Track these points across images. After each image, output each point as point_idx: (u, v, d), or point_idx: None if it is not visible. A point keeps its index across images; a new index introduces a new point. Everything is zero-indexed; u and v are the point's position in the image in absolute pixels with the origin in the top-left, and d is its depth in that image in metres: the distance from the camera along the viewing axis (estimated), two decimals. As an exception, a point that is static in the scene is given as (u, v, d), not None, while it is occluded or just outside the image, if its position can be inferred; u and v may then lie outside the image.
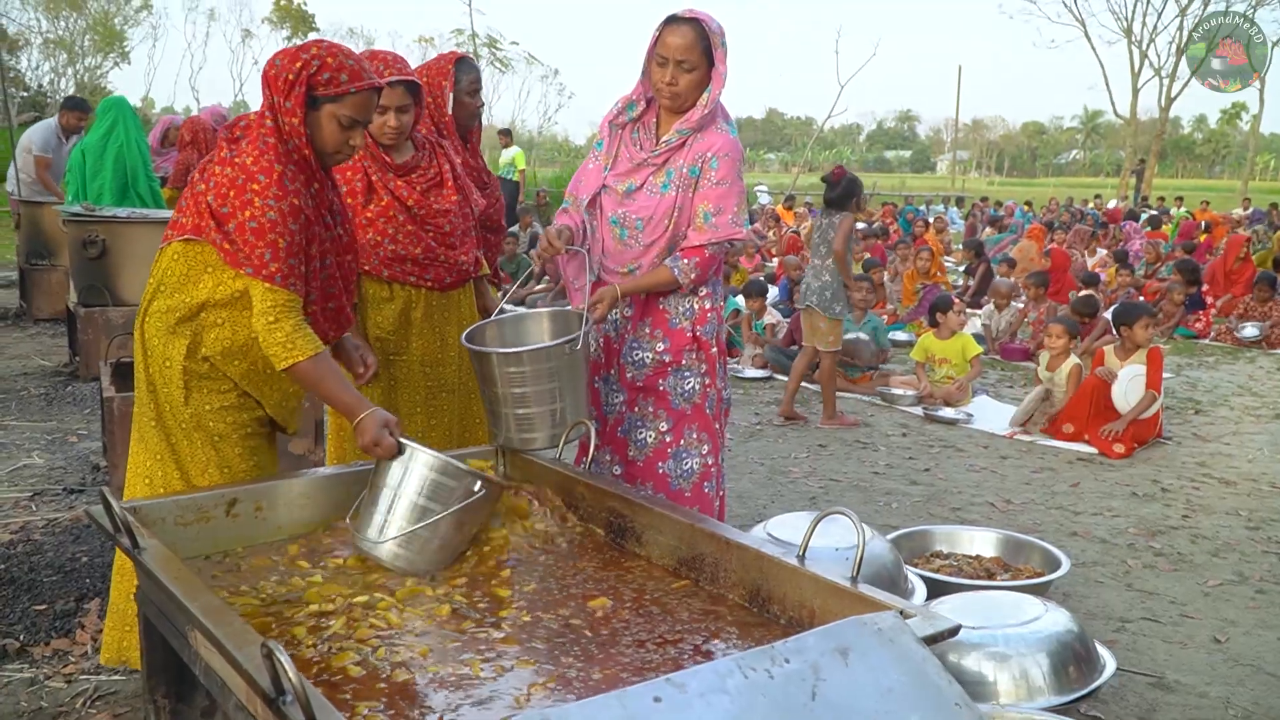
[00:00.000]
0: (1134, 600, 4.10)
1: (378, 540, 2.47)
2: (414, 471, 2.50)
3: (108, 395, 4.68)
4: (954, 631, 1.97)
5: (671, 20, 3.17)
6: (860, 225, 19.21)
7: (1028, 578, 3.97)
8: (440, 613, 2.29)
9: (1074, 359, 6.87)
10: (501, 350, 2.90)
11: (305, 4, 62.89)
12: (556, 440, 2.93)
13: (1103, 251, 16.35)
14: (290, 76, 2.61)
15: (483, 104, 3.95)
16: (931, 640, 1.90)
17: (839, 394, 7.67)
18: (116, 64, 55.27)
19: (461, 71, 3.84)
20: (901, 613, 1.96)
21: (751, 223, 20.35)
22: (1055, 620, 3.13)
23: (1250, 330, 10.68)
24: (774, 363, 8.50)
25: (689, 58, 3.14)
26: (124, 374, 5.17)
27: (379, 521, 2.49)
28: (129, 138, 7.78)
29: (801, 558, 2.27)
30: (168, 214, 7.23)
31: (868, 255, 14.31)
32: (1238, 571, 4.44)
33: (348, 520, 2.61)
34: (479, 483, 2.50)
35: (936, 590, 3.74)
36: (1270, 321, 10.78)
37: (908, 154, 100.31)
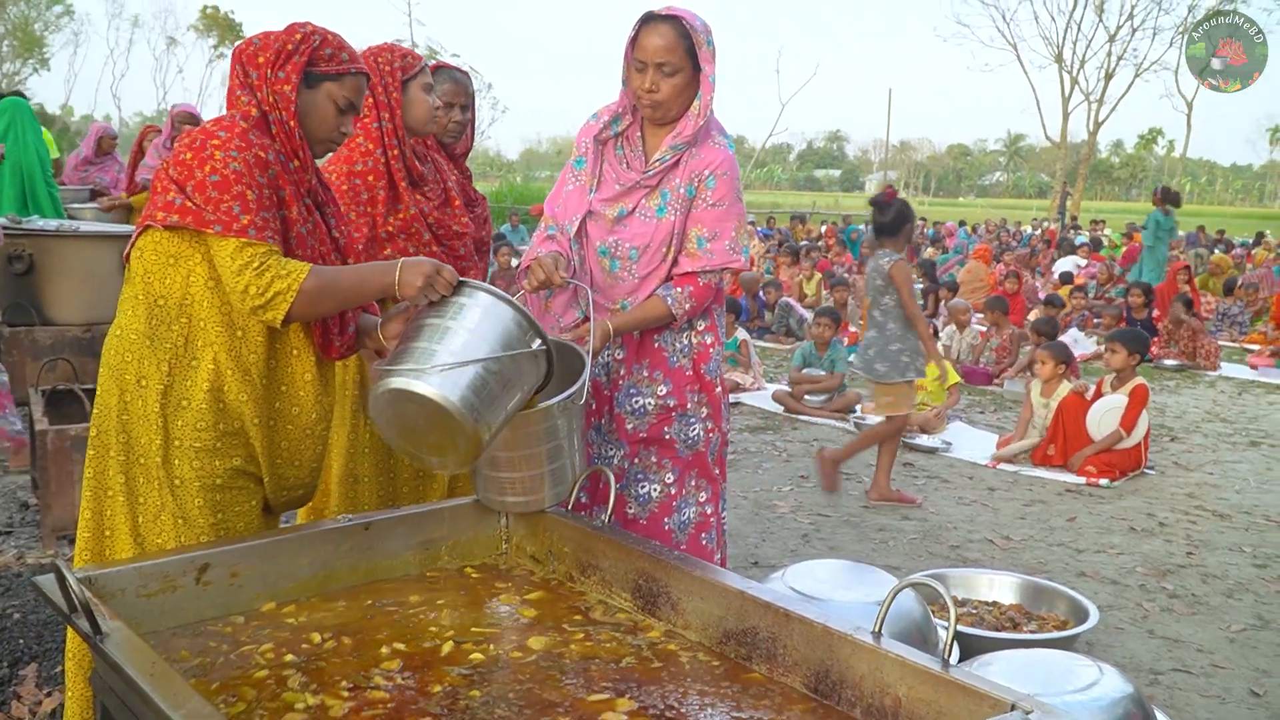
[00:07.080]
0: (1160, 649, 3.86)
1: (424, 368, 2.11)
2: (471, 307, 2.22)
3: (40, 428, 4.23)
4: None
5: (648, 19, 2.78)
6: (804, 243, 19.05)
7: (1054, 628, 3.72)
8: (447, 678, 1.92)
9: (1069, 384, 6.68)
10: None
11: (232, 12, 61.96)
12: (561, 497, 2.56)
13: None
14: (289, 47, 2.31)
15: (462, 120, 3.49)
16: (1063, 747, 1.61)
17: (811, 420, 7.45)
18: (36, 70, 53.98)
19: (434, 80, 3.45)
20: (1014, 706, 1.69)
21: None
22: (1115, 685, 2.84)
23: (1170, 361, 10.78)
24: None
25: (670, 60, 2.75)
26: (58, 403, 4.73)
27: (424, 352, 2.15)
28: (26, 143, 7.25)
29: (877, 634, 1.99)
30: (102, 228, 6.75)
31: (818, 273, 14.18)
32: (1257, 615, 4.23)
33: (373, 367, 2.29)
34: (538, 340, 2.24)
35: (962, 643, 3.45)
36: (1179, 345, 10.88)
37: (837, 173, 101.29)
